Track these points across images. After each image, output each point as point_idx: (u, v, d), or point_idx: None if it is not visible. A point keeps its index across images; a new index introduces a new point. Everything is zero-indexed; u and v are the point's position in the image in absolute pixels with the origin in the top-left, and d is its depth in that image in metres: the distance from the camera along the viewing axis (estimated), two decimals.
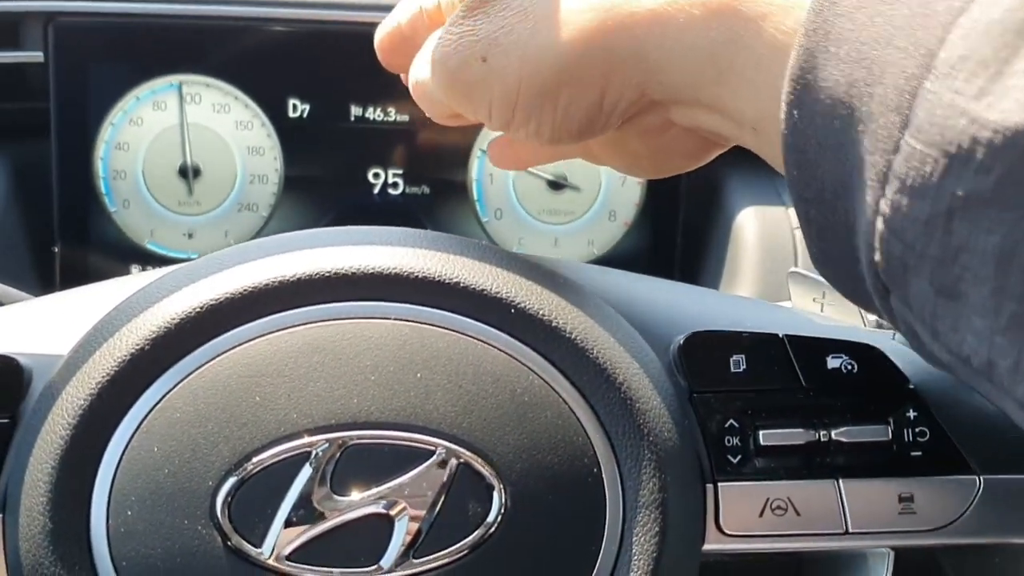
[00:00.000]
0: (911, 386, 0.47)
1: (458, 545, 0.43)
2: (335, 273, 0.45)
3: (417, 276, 0.45)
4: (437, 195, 0.99)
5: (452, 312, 0.45)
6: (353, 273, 0.45)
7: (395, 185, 0.98)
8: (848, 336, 0.49)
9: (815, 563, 0.52)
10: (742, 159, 1.03)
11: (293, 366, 0.44)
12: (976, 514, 0.47)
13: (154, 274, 0.48)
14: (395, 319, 0.45)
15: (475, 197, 0.99)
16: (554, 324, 0.45)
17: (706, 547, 0.46)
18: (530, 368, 0.45)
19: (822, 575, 0.51)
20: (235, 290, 0.44)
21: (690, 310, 0.50)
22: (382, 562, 0.43)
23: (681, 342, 0.48)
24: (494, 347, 0.45)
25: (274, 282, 0.44)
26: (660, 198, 1.00)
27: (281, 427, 0.43)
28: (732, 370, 0.47)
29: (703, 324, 0.48)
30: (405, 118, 0.98)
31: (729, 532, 0.46)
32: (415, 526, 0.43)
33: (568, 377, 0.45)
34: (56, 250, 0.96)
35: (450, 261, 0.45)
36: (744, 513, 0.46)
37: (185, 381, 0.44)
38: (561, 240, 1.00)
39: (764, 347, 0.48)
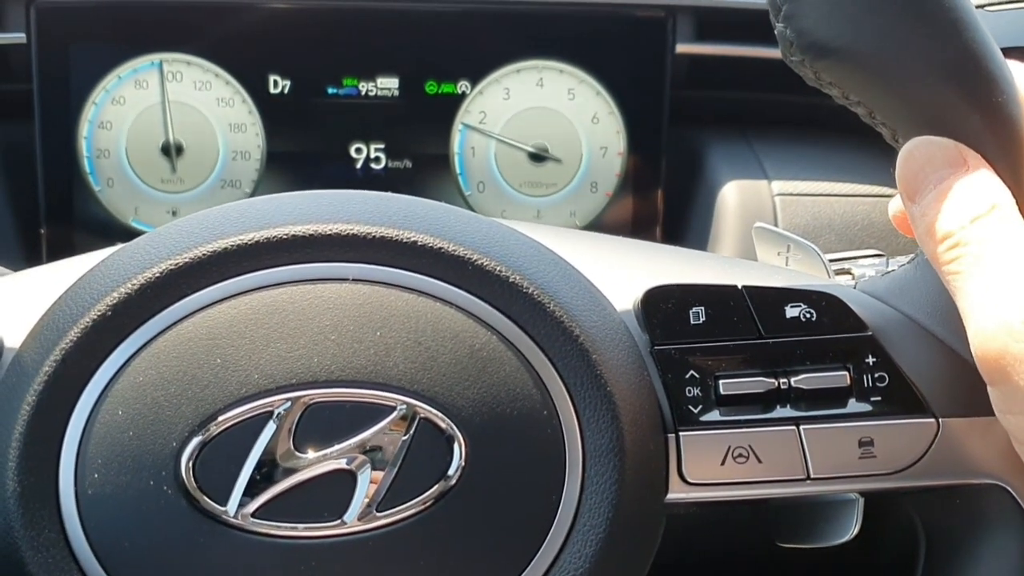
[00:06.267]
0: (869, 332, 0.48)
1: (421, 498, 0.44)
2: (292, 236, 0.45)
3: (374, 236, 0.45)
4: (419, 169, 1.00)
5: (410, 271, 0.45)
6: (310, 235, 0.45)
7: (377, 160, 0.99)
8: (806, 285, 0.49)
9: (788, 513, 0.52)
10: (724, 130, 1.04)
11: (253, 328, 0.44)
12: (935, 456, 0.47)
13: (119, 246, 0.48)
14: (353, 279, 0.45)
15: (457, 170, 1.00)
16: (511, 280, 0.45)
17: (670, 496, 0.47)
18: (488, 324, 0.45)
19: (797, 524, 0.52)
20: (195, 255, 0.45)
21: (650, 265, 0.51)
22: (346, 517, 0.43)
23: (641, 296, 0.48)
24: (452, 304, 0.45)
25: (233, 246, 0.45)
26: (642, 170, 1.00)
27: (243, 387, 0.44)
28: (692, 322, 0.48)
29: (663, 278, 0.49)
30: (386, 93, 0.98)
31: (692, 481, 0.47)
32: (378, 480, 0.44)
33: (526, 331, 0.45)
34: (43, 232, 0.97)
35: (407, 221, 0.46)
36: (706, 462, 0.47)
37: (148, 346, 0.44)
38: (543, 212, 1.00)
39: (723, 298, 0.48)
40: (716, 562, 0.61)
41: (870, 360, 0.47)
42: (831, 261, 0.62)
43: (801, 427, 0.47)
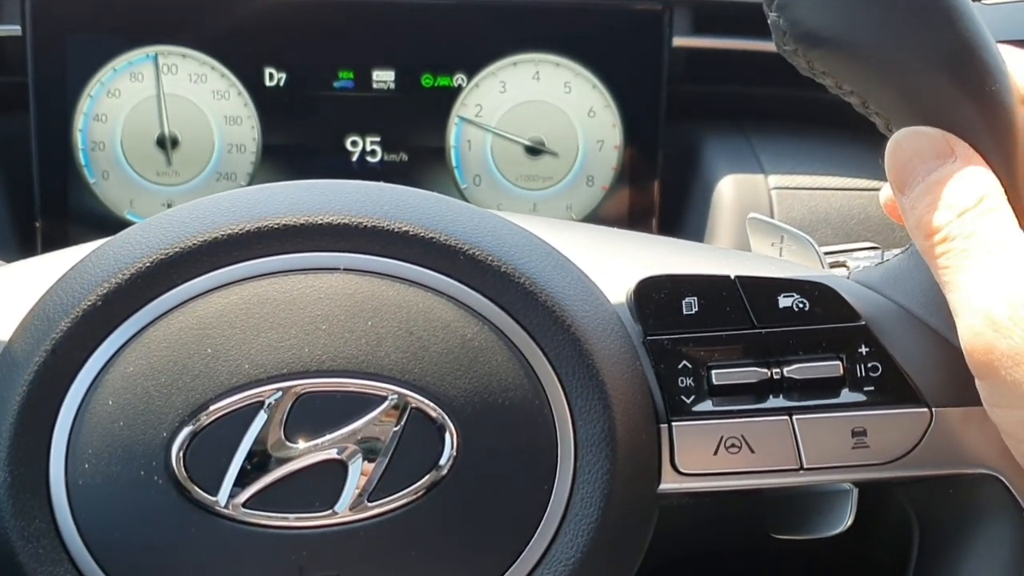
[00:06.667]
0: (863, 322, 0.48)
1: (412, 488, 0.44)
2: (284, 226, 0.45)
3: (365, 226, 0.45)
4: (415, 162, 0.99)
5: (401, 260, 0.45)
6: (301, 225, 0.45)
7: (373, 153, 0.99)
8: (799, 275, 0.49)
9: (782, 504, 0.52)
10: (720, 124, 1.04)
11: (244, 318, 0.44)
12: (928, 446, 0.47)
13: (110, 237, 0.48)
14: (344, 269, 0.45)
15: (453, 164, 0.99)
16: (503, 270, 0.45)
17: (662, 487, 0.47)
18: (480, 314, 0.45)
19: (790, 516, 0.52)
20: (186, 245, 0.45)
21: (642, 255, 0.50)
22: (337, 507, 0.43)
23: (634, 286, 0.48)
24: (444, 294, 0.45)
25: (224, 236, 0.45)
26: (638, 163, 1.00)
27: (234, 377, 0.44)
28: (685, 312, 0.48)
29: (656, 268, 0.49)
30: (382, 86, 0.98)
31: (684, 471, 0.46)
32: (369, 471, 0.43)
33: (518, 321, 0.45)
34: (38, 225, 0.97)
35: (398, 211, 0.46)
36: (699, 452, 0.47)
37: (139, 336, 0.44)
38: (540, 205, 1.00)
39: (716, 289, 0.48)
40: (709, 553, 0.61)
41: (863, 350, 0.47)
42: (827, 254, 0.62)
43: (794, 417, 0.47)
